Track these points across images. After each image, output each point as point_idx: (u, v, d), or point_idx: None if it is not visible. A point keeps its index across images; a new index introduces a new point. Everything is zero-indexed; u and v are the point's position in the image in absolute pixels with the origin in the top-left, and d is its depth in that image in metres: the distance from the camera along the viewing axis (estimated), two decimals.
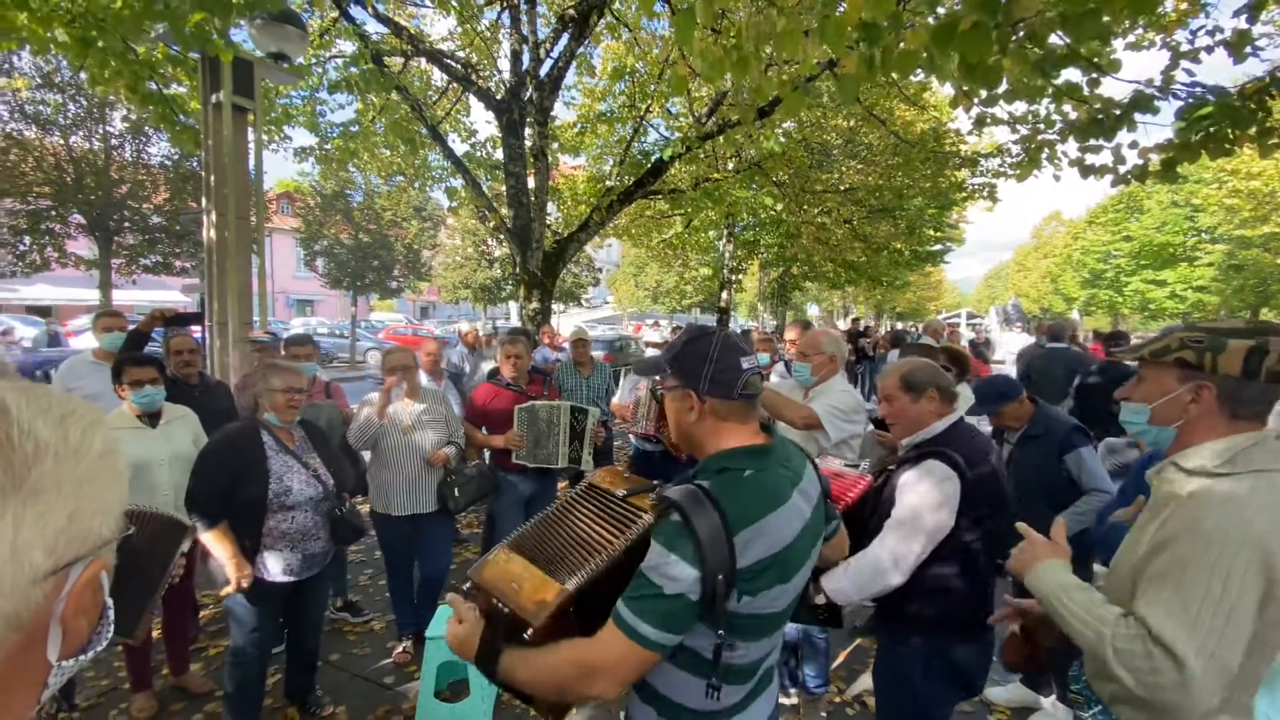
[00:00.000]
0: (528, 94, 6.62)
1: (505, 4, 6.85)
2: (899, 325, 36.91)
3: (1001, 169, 8.62)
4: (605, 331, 26.50)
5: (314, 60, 7.15)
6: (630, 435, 4.67)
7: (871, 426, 2.89)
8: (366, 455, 3.40)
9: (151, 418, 2.83)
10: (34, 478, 0.42)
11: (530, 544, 1.27)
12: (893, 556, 1.74)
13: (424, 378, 4.52)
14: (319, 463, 2.59)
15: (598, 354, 7.11)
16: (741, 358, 1.15)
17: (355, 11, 6.20)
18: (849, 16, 2.23)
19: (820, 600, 1.76)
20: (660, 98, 9.04)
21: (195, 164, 13.72)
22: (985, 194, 9.49)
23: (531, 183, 6.88)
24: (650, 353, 10.41)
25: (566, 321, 26.41)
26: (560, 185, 11.66)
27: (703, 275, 25.21)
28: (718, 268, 18.24)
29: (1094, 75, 3.25)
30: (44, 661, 0.44)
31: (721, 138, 6.88)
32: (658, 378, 1.28)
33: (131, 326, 3.67)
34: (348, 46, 7.17)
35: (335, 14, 6.42)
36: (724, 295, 15.36)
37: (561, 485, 4.40)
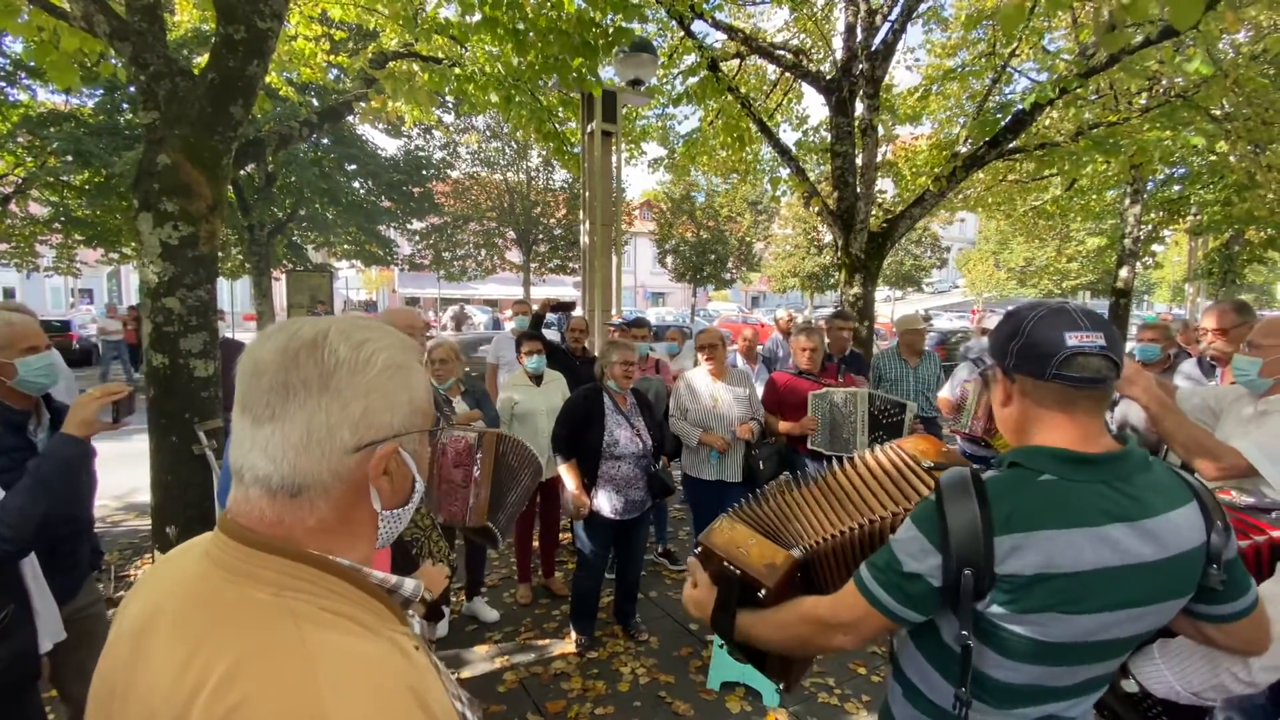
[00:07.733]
0: (859, 67, 6.30)
1: None
2: None
3: None
4: (950, 321, 23.49)
5: (664, 80, 8.14)
6: (956, 436, 4.13)
7: None
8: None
9: (536, 379, 3.75)
10: (335, 381, 0.59)
11: (752, 513, 1.26)
12: None
13: (740, 360, 4.82)
14: (643, 425, 3.06)
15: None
16: (1067, 332, 0.93)
17: (696, 26, 6.84)
18: None
19: (1129, 688, 1.16)
20: (1033, 35, 7.48)
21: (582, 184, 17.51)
22: None
23: (860, 160, 6.55)
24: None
25: (903, 309, 24.33)
26: (897, 159, 10.73)
27: (1092, 248, 20.01)
28: (1115, 237, 14.17)
29: None
30: (373, 511, 0.64)
31: (1117, 68, 5.32)
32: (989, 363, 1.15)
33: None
34: (692, 59, 7.95)
35: (682, 33, 7.18)
36: (1122, 273, 11.86)
37: None
